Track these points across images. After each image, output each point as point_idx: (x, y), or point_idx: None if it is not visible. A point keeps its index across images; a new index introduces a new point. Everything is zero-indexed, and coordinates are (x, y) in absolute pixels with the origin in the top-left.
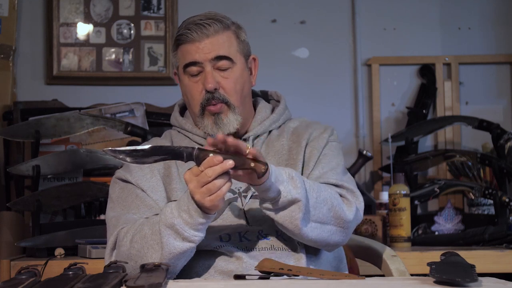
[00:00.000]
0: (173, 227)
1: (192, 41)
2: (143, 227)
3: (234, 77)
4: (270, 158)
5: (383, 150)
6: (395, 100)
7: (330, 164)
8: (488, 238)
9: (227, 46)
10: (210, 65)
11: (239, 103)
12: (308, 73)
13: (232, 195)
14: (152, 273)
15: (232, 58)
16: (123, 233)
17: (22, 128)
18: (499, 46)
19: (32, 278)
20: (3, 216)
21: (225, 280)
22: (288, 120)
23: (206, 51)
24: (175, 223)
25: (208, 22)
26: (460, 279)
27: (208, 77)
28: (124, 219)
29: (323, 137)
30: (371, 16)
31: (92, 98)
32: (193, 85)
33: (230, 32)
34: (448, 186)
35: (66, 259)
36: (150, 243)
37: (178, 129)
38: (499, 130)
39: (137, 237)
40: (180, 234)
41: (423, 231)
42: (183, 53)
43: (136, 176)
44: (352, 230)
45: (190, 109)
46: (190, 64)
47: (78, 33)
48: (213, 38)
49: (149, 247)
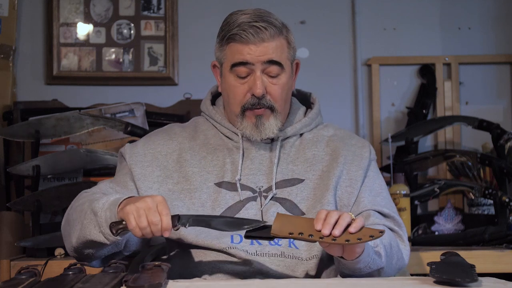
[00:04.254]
0: (96, 215)
1: (246, 42)
2: (85, 200)
3: (282, 84)
4: (298, 164)
5: (383, 150)
6: (395, 100)
7: (375, 187)
8: (488, 238)
9: (279, 52)
10: (261, 68)
11: (282, 108)
12: (308, 73)
13: (252, 194)
14: (152, 273)
15: (283, 64)
16: (81, 196)
17: (22, 128)
18: (499, 46)
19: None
20: (3, 216)
21: (225, 280)
22: (320, 125)
23: (259, 53)
24: (98, 214)
25: (264, 26)
26: (460, 279)
27: (257, 82)
28: (97, 186)
29: (365, 156)
30: (371, 16)
31: (92, 98)
32: (238, 86)
33: (283, 38)
34: (448, 186)
35: (66, 259)
36: (78, 219)
37: (207, 117)
38: (499, 130)
39: (77, 205)
40: (99, 225)
41: (423, 231)
42: (233, 51)
43: (133, 159)
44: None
45: (229, 107)
46: (240, 64)
47: (78, 33)
48: (268, 43)
49: (77, 222)
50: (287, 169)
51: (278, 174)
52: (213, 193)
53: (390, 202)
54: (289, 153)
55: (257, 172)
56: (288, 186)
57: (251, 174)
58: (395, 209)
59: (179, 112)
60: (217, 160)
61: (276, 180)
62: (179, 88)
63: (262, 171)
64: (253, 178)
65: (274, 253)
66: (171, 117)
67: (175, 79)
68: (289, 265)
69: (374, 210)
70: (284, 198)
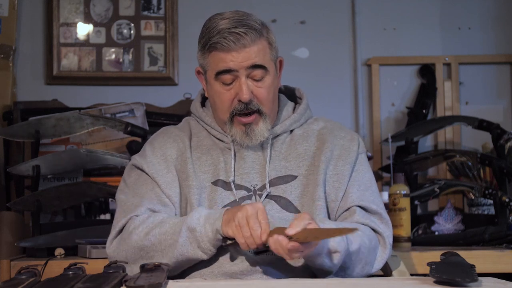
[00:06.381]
0: (193, 232)
1: (228, 50)
2: (164, 224)
3: (267, 86)
4: (291, 160)
5: (383, 150)
6: (395, 100)
7: (364, 181)
8: (488, 238)
9: (262, 55)
10: (245, 73)
11: (270, 110)
12: (308, 73)
13: (246, 193)
14: (152, 273)
15: (267, 66)
16: (138, 222)
17: (22, 128)
18: (499, 46)
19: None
20: (3, 216)
21: (225, 280)
22: (310, 119)
23: (242, 60)
24: (196, 229)
25: (244, 31)
26: (460, 279)
27: (243, 88)
28: (139, 208)
29: (353, 150)
30: (371, 16)
31: (92, 98)
32: (224, 93)
33: (264, 40)
34: (448, 186)
35: (66, 259)
36: (169, 242)
37: (197, 119)
38: (499, 130)
39: (156, 231)
40: (198, 241)
41: (423, 231)
42: (216, 60)
43: (152, 169)
44: None
45: (217, 114)
46: (224, 72)
47: (78, 33)
48: (249, 48)
49: (167, 246)
50: (280, 165)
51: (271, 172)
52: (211, 192)
53: (378, 197)
54: (281, 150)
55: (251, 170)
56: (281, 183)
57: (245, 174)
58: (382, 205)
59: (179, 112)
60: (211, 160)
61: (269, 177)
62: (179, 88)
63: (255, 169)
64: (247, 177)
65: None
66: (171, 117)
67: (175, 79)
68: (288, 263)
69: (361, 207)
70: (279, 196)
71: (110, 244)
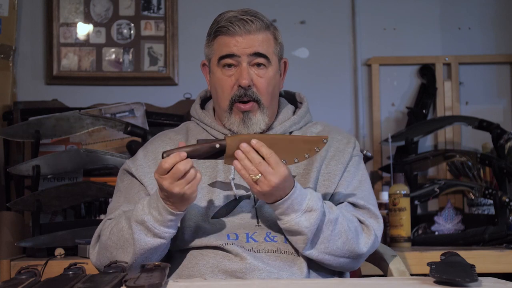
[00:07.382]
0: (143, 224)
1: (233, 34)
2: (121, 219)
3: (268, 77)
4: None
5: (383, 150)
6: (395, 100)
7: (355, 181)
8: (488, 238)
9: (265, 46)
10: (247, 60)
11: (269, 103)
12: (308, 73)
13: (245, 192)
14: (152, 273)
15: (269, 57)
16: (107, 224)
17: (22, 128)
18: (499, 46)
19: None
20: (3, 216)
21: (225, 280)
22: (309, 123)
23: (245, 45)
24: (145, 220)
25: (251, 19)
26: (460, 279)
27: (243, 73)
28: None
29: (347, 151)
30: (371, 16)
31: (92, 98)
32: (226, 79)
33: (269, 33)
34: (448, 186)
35: (66, 259)
36: (126, 236)
37: (197, 122)
38: (499, 130)
39: (115, 229)
40: (151, 230)
41: (423, 231)
42: (221, 44)
43: (140, 171)
44: (364, 259)
45: (217, 103)
46: (227, 56)
47: (78, 33)
48: (254, 35)
49: (125, 241)
50: None
51: None
52: (207, 193)
53: (370, 195)
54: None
55: None
56: None
57: None
58: (374, 202)
59: (179, 112)
60: (209, 162)
61: None
62: (179, 88)
63: None
64: None
65: (270, 249)
66: (171, 117)
67: (175, 79)
68: (286, 260)
69: (347, 202)
70: None
71: (93, 251)
